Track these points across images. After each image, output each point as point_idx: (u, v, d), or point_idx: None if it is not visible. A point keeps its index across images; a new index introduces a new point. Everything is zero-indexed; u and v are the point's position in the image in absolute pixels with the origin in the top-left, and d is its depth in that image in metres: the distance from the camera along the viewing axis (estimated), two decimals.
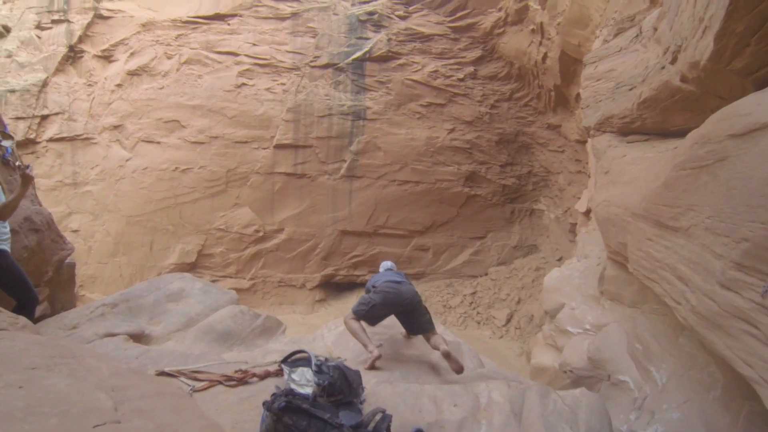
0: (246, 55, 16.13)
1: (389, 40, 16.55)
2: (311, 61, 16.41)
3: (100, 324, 4.87)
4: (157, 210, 16.24)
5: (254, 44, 16.20)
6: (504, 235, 18.62)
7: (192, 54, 16.03)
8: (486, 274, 18.15)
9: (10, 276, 4.05)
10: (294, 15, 16.32)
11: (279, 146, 16.35)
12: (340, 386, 3.19)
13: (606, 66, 7.85)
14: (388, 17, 16.58)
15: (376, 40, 16.51)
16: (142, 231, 16.30)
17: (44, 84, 16.02)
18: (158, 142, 16.08)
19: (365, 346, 4.37)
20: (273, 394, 2.89)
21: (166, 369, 3.80)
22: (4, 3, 16.64)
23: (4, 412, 1.88)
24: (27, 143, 16.23)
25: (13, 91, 15.83)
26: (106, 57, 16.41)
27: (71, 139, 16.30)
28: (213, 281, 16.47)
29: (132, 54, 16.17)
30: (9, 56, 16.14)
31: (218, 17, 16.22)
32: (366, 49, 16.47)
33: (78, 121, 16.22)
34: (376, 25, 16.57)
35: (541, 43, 14.34)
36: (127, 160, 16.13)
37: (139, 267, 16.33)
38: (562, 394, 3.73)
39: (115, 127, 16.23)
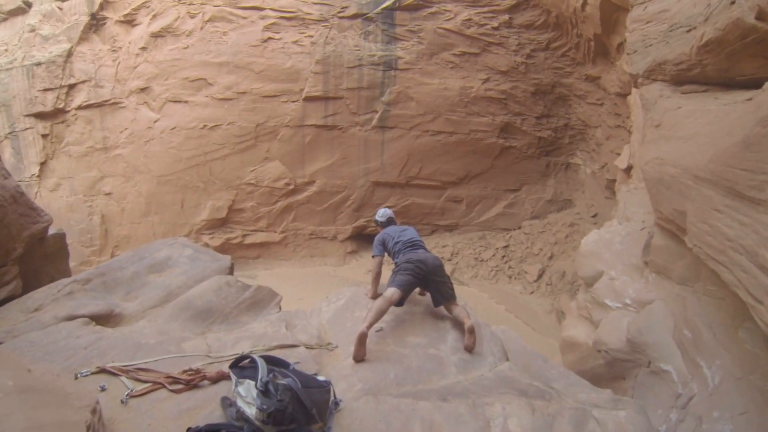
0: (271, 9, 15.04)
1: None
2: (339, 12, 15.16)
3: (65, 304, 4.24)
4: (186, 168, 15.92)
5: None
6: (539, 189, 17.41)
7: (215, 11, 15.10)
8: (519, 228, 17.22)
9: None
10: None
11: (308, 99, 15.53)
12: (291, 413, 2.40)
13: (658, 6, 6.33)
14: None
15: None
16: (172, 190, 16.10)
17: (69, 54, 15.63)
18: (186, 102, 15.49)
19: (365, 320, 3.62)
20: (189, 429, 2.26)
21: (108, 366, 3.18)
22: None
23: None
24: (56, 113, 15.97)
25: (39, 64, 15.60)
26: (129, 21, 15.73)
27: (99, 105, 15.91)
28: (245, 235, 16.74)
29: (154, 16, 15.40)
30: (32, 30, 15.87)
31: None
32: None
33: (105, 87, 15.78)
34: None
35: None
36: (156, 122, 15.69)
37: (171, 225, 16.26)
38: (603, 418, 2.75)
39: (142, 89, 15.71)
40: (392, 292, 3.82)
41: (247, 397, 2.47)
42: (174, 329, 4.03)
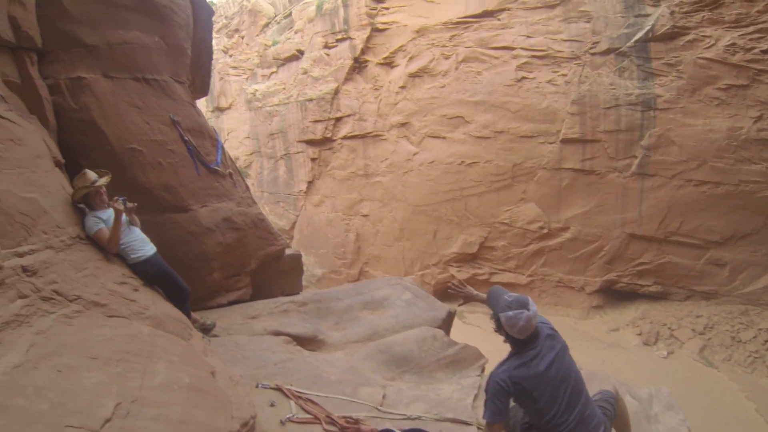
0: (522, 48, 15.26)
1: (672, 13, 13.61)
2: (590, 48, 14.71)
3: (278, 320, 4.73)
4: (442, 201, 16.75)
5: (528, 36, 15.20)
6: None
7: (468, 52, 15.85)
8: None
9: (155, 280, 3.99)
10: (563, 0, 14.75)
11: (565, 140, 15.23)
12: None
13: None
14: None
15: (657, 16, 13.82)
16: (426, 220, 17.07)
17: (336, 92, 18.27)
18: (443, 137, 16.40)
19: None
20: None
21: (284, 387, 3.56)
22: (296, 32, 20.02)
23: (18, 386, 1.85)
24: (324, 141, 18.89)
25: (310, 100, 18.68)
26: (388, 63, 17.57)
27: (362, 136, 18.10)
28: (492, 273, 16.95)
29: (411, 58, 16.86)
30: (305, 73, 19.13)
31: (487, 14, 15.73)
32: (647, 28, 13.99)
33: (368, 120, 17.85)
34: None
35: None
36: (415, 155, 16.96)
37: (421, 252, 17.20)
38: None
39: (402, 124, 17.23)
40: None
41: None
42: (365, 368, 4.17)
